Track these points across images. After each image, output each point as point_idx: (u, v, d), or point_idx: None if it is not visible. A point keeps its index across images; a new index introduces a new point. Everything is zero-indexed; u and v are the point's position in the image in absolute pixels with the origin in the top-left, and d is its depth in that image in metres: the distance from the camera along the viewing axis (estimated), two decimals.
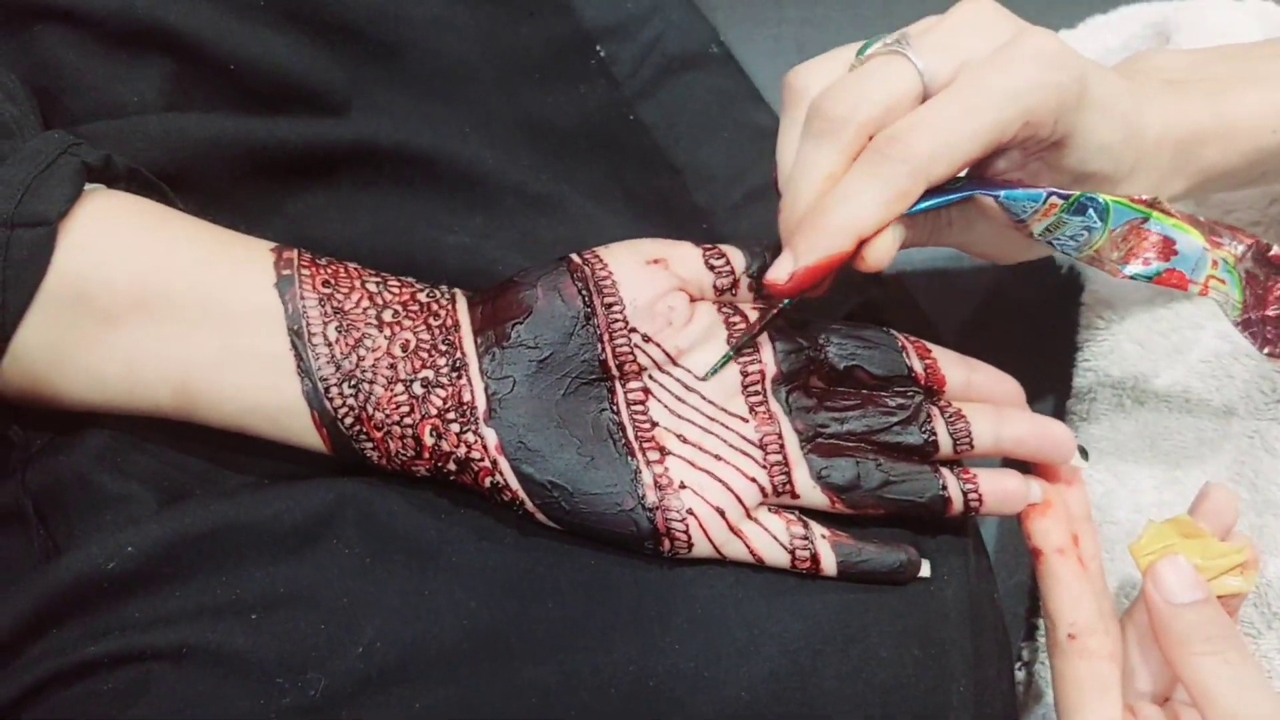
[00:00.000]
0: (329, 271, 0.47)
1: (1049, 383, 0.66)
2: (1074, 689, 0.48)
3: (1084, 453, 0.52)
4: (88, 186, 0.45)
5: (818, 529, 0.48)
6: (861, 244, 0.45)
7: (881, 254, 0.46)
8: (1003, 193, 0.47)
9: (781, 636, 0.45)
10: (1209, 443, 0.59)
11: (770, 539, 0.47)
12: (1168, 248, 0.49)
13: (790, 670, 0.45)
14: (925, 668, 0.47)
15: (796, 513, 0.48)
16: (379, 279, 0.48)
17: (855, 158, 0.46)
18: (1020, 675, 0.62)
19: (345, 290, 0.47)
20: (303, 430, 0.46)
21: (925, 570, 0.49)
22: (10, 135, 0.44)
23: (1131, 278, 0.49)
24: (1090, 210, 0.47)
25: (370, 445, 0.46)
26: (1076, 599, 0.49)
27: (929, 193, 0.46)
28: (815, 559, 0.47)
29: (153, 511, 0.46)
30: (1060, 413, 0.64)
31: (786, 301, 0.48)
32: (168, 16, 0.52)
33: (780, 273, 0.46)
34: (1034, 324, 0.69)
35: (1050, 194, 0.47)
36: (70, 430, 0.48)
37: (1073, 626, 0.49)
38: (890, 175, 0.45)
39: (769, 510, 0.48)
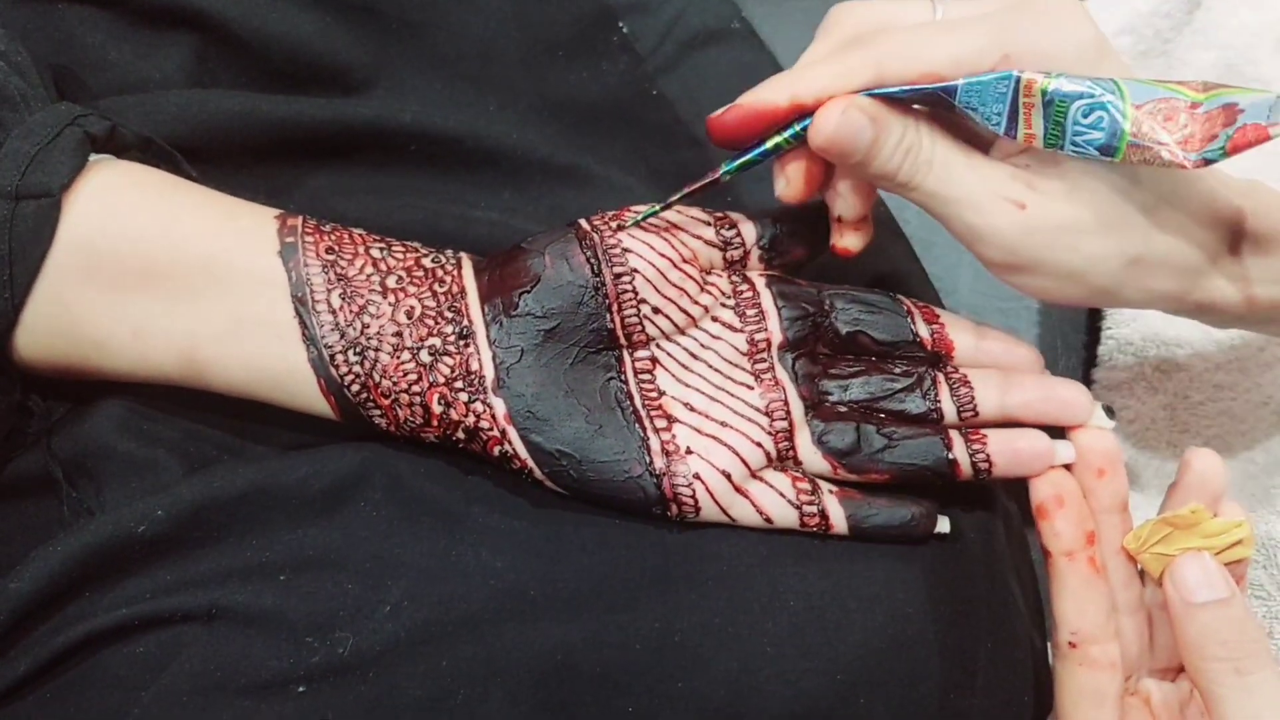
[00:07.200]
0: (333, 238, 0.47)
1: (1072, 350, 0.65)
2: (1071, 697, 0.47)
3: (1110, 412, 0.49)
4: (94, 157, 0.45)
5: (826, 486, 0.47)
6: (801, 114, 0.46)
7: (827, 123, 0.44)
8: (962, 81, 0.44)
9: (806, 593, 0.46)
10: (1227, 409, 0.59)
11: (777, 496, 0.47)
12: (1230, 112, 0.43)
13: (815, 625, 0.45)
14: (953, 625, 0.47)
15: (804, 472, 0.48)
16: (383, 244, 0.48)
17: None
18: None
19: (349, 257, 0.47)
20: (311, 397, 0.46)
21: (944, 526, 0.48)
22: (15, 108, 0.44)
23: (1207, 162, 0.43)
24: (1088, 85, 0.43)
25: (379, 413, 0.46)
26: (1081, 606, 0.47)
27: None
28: (824, 515, 0.47)
29: (179, 477, 0.47)
30: (1084, 381, 0.64)
31: (725, 167, 0.48)
32: None
33: (717, 112, 0.47)
34: None
35: (1021, 73, 0.43)
36: (87, 400, 0.48)
37: (1074, 635, 0.47)
38: (845, 53, 0.45)
39: (774, 469, 0.48)
